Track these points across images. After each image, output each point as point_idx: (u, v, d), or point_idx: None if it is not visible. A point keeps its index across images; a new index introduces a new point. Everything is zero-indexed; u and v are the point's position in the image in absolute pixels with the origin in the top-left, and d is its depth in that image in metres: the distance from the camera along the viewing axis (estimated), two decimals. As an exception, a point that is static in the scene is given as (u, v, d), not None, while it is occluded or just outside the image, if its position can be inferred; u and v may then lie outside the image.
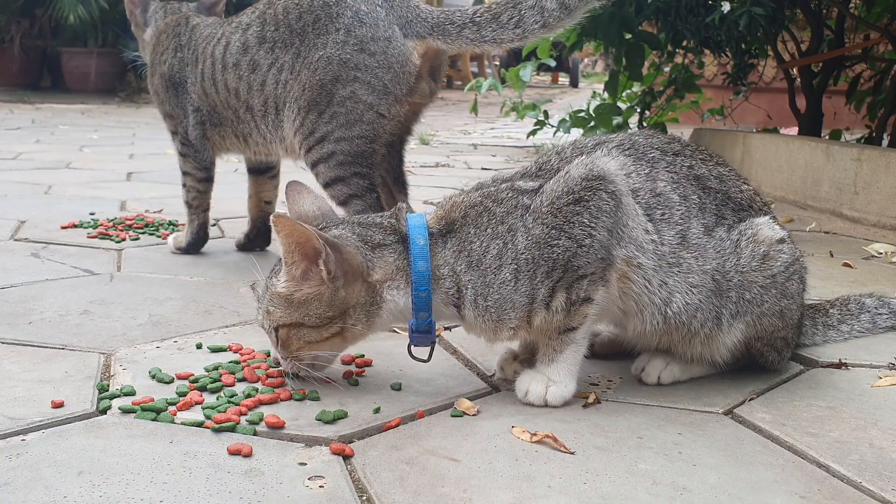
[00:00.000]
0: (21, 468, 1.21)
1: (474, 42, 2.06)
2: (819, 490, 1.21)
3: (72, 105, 8.97)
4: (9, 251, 2.54)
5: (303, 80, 2.14)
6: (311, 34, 2.14)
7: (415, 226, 1.49)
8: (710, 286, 1.50)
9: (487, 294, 1.46)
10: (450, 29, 2.07)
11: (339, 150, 2.13)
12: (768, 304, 1.54)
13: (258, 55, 2.22)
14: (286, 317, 1.47)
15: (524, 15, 2.01)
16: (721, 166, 1.62)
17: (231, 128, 2.39)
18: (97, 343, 1.75)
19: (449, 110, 9.88)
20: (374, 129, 2.13)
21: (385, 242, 1.50)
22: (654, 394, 1.55)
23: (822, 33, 4.35)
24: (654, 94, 5.51)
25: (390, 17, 2.10)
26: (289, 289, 1.46)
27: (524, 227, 1.45)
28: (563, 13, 2.00)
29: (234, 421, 1.37)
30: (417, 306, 1.47)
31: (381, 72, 2.09)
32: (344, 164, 2.14)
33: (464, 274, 1.46)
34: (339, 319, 1.46)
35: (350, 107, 2.10)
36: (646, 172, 1.52)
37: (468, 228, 1.48)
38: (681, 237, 1.50)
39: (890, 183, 3.17)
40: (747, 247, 1.53)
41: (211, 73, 2.34)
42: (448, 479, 1.21)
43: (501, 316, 1.46)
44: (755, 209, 1.60)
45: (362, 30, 2.09)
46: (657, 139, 1.60)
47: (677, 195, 1.52)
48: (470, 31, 2.06)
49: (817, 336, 1.84)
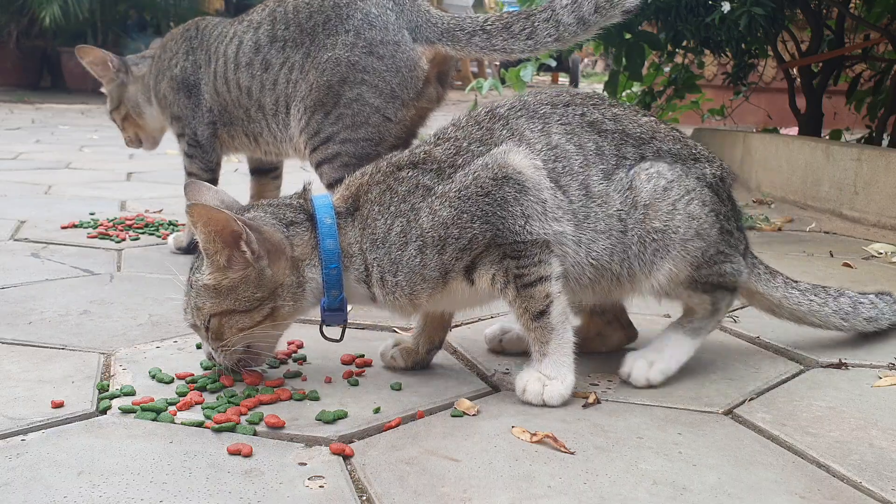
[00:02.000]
0: (21, 468, 1.21)
1: (484, 50, 2.06)
2: (819, 490, 1.21)
3: (72, 105, 8.97)
4: (9, 251, 2.54)
5: (310, 79, 2.14)
6: (322, 34, 2.14)
7: (321, 206, 1.53)
8: (618, 228, 1.52)
9: (396, 270, 1.49)
10: (459, 35, 2.07)
11: (344, 151, 2.14)
12: (682, 230, 1.53)
13: (270, 54, 2.22)
14: (216, 306, 1.48)
15: (537, 27, 2.01)
16: (615, 108, 1.63)
17: (241, 127, 2.39)
18: (97, 343, 1.75)
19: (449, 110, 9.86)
20: (379, 132, 2.13)
21: (297, 220, 1.54)
22: (654, 394, 1.55)
23: (822, 33, 4.34)
24: (654, 94, 5.51)
25: (400, 20, 2.09)
26: (215, 278, 1.47)
27: (429, 209, 1.48)
28: (579, 28, 1.98)
29: (234, 421, 1.37)
30: (328, 284, 1.50)
31: (389, 75, 2.09)
32: (349, 166, 2.14)
33: (369, 252, 1.51)
34: (268, 300, 1.48)
35: (357, 109, 2.11)
36: (539, 128, 1.54)
37: (372, 206, 1.52)
38: (584, 188, 1.52)
39: (890, 183, 3.17)
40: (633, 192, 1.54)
41: (223, 72, 2.35)
42: (448, 479, 1.21)
43: (413, 289, 1.50)
44: (659, 139, 1.60)
45: (372, 32, 2.08)
46: (546, 94, 1.62)
47: (573, 145, 1.54)
48: (480, 38, 2.05)
49: (772, 285, 1.73)
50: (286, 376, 1.59)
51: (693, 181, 1.57)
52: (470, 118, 1.60)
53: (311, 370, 1.63)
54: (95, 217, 3.06)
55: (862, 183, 3.30)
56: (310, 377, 1.59)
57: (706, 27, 3.78)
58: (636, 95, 5.75)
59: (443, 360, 1.71)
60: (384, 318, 1.87)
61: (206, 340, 1.53)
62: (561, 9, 1.98)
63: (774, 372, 1.67)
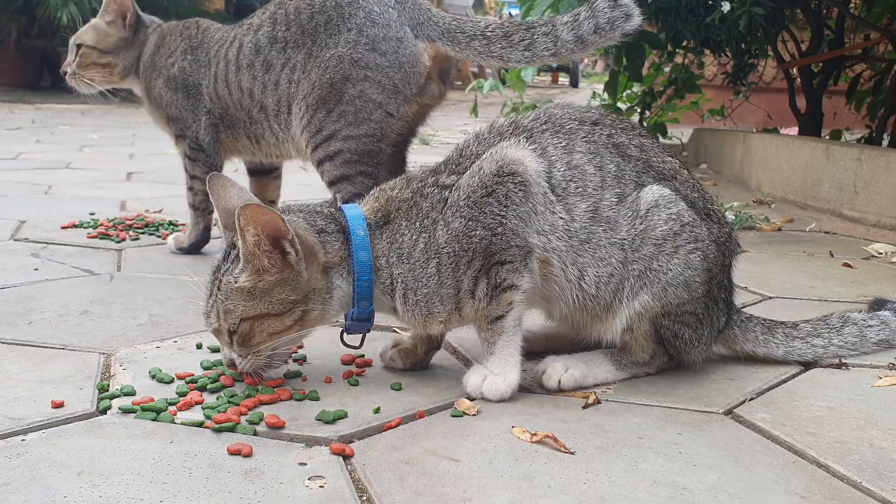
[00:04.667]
0: (21, 468, 1.21)
1: (482, 55, 2.10)
2: (819, 490, 1.21)
3: (72, 105, 8.97)
4: (9, 251, 2.54)
5: (313, 78, 2.15)
6: (323, 34, 2.16)
7: (353, 216, 1.54)
8: (618, 257, 1.52)
9: (417, 288, 1.50)
10: (459, 37, 2.10)
11: (346, 147, 2.14)
12: (672, 272, 1.52)
13: (271, 55, 2.23)
14: (249, 309, 1.47)
15: (536, 40, 2.05)
16: (643, 137, 1.62)
17: (243, 129, 2.39)
18: (97, 343, 1.75)
19: (449, 110, 9.87)
20: (382, 129, 2.15)
21: (328, 229, 1.54)
22: (654, 394, 1.55)
23: (822, 33, 4.35)
24: (654, 95, 5.51)
25: (402, 18, 2.12)
26: (252, 281, 1.46)
27: (444, 222, 1.49)
28: (576, 46, 2.02)
29: (234, 421, 1.37)
30: (360, 295, 1.51)
31: (391, 71, 2.11)
32: (350, 163, 2.15)
33: (395, 266, 1.52)
34: (300, 304, 1.48)
35: (359, 105, 2.12)
36: (563, 145, 1.54)
37: (400, 222, 1.53)
38: (593, 210, 1.52)
39: (890, 183, 3.17)
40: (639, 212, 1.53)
41: (224, 75, 2.35)
42: (448, 479, 1.21)
43: (431, 310, 1.51)
44: (680, 181, 1.59)
45: (374, 29, 2.11)
46: (574, 110, 1.62)
47: (592, 166, 1.54)
48: (479, 43, 2.09)
49: (773, 345, 1.69)
50: (286, 376, 1.59)
51: (705, 231, 1.56)
52: (493, 130, 1.60)
53: (311, 370, 1.63)
54: (95, 217, 3.06)
55: (862, 183, 3.30)
56: (310, 377, 1.59)
57: (706, 27, 3.78)
58: (636, 95, 5.75)
59: (443, 360, 1.71)
60: (384, 317, 1.87)
61: (228, 346, 1.51)
62: (561, 25, 2.02)
63: (774, 372, 1.67)
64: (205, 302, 1.52)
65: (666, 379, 1.62)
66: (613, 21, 1.99)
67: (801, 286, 2.33)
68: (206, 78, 2.43)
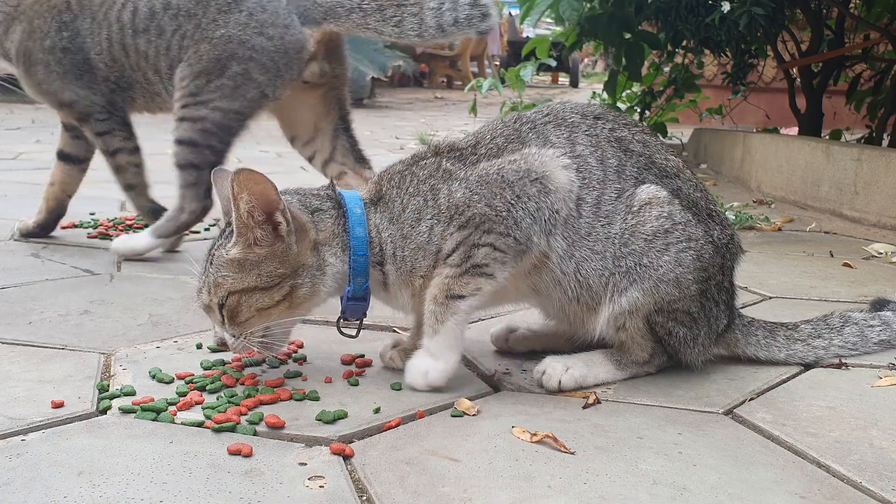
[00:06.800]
0: (21, 468, 1.21)
1: (359, 27, 2.26)
2: (819, 490, 1.21)
3: (72, 105, 8.95)
4: (9, 251, 2.54)
5: (201, 51, 2.29)
6: (213, 9, 2.29)
7: (350, 196, 1.57)
8: (612, 251, 1.53)
9: (405, 245, 1.52)
10: (339, 11, 2.27)
11: (211, 118, 2.29)
12: (663, 269, 1.52)
13: (164, 21, 2.34)
14: (238, 282, 1.48)
15: (405, 19, 2.22)
16: (646, 134, 1.63)
17: (140, 89, 2.48)
18: (97, 343, 1.75)
19: (449, 110, 9.88)
20: (251, 107, 2.33)
21: (322, 208, 1.56)
22: (654, 394, 1.55)
23: (822, 33, 4.35)
24: (654, 95, 5.51)
25: (290, 6, 2.30)
26: (243, 252, 1.48)
27: (447, 189, 1.52)
28: (437, 33, 2.21)
29: (234, 421, 1.37)
30: (356, 271, 1.53)
31: (276, 55, 2.29)
32: (207, 132, 2.30)
33: (385, 230, 1.54)
34: (289, 278, 1.49)
35: (239, 82, 2.28)
36: (565, 137, 1.56)
37: (392, 190, 1.57)
38: (595, 204, 1.54)
39: (890, 183, 3.17)
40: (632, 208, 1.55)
41: (120, 38, 2.40)
42: (448, 479, 1.21)
43: (414, 265, 1.53)
44: (683, 180, 1.60)
45: (264, 15, 2.28)
46: (577, 104, 1.65)
47: (594, 158, 1.55)
48: (357, 15, 2.25)
49: (775, 348, 1.70)
50: (286, 376, 1.59)
51: (700, 231, 1.56)
52: (498, 121, 1.64)
53: (311, 370, 1.64)
54: (95, 217, 3.06)
55: (862, 183, 3.30)
56: (310, 377, 1.59)
57: (706, 27, 3.79)
58: (636, 95, 5.75)
59: (443, 360, 1.71)
60: (384, 317, 1.87)
61: (219, 324, 1.52)
62: (427, 10, 2.20)
63: (774, 372, 1.67)
64: (198, 280, 1.54)
65: (666, 379, 1.62)
66: (471, 18, 2.19)
67: (801, 286, 2.33)
68: (94, 46, 2.43)
